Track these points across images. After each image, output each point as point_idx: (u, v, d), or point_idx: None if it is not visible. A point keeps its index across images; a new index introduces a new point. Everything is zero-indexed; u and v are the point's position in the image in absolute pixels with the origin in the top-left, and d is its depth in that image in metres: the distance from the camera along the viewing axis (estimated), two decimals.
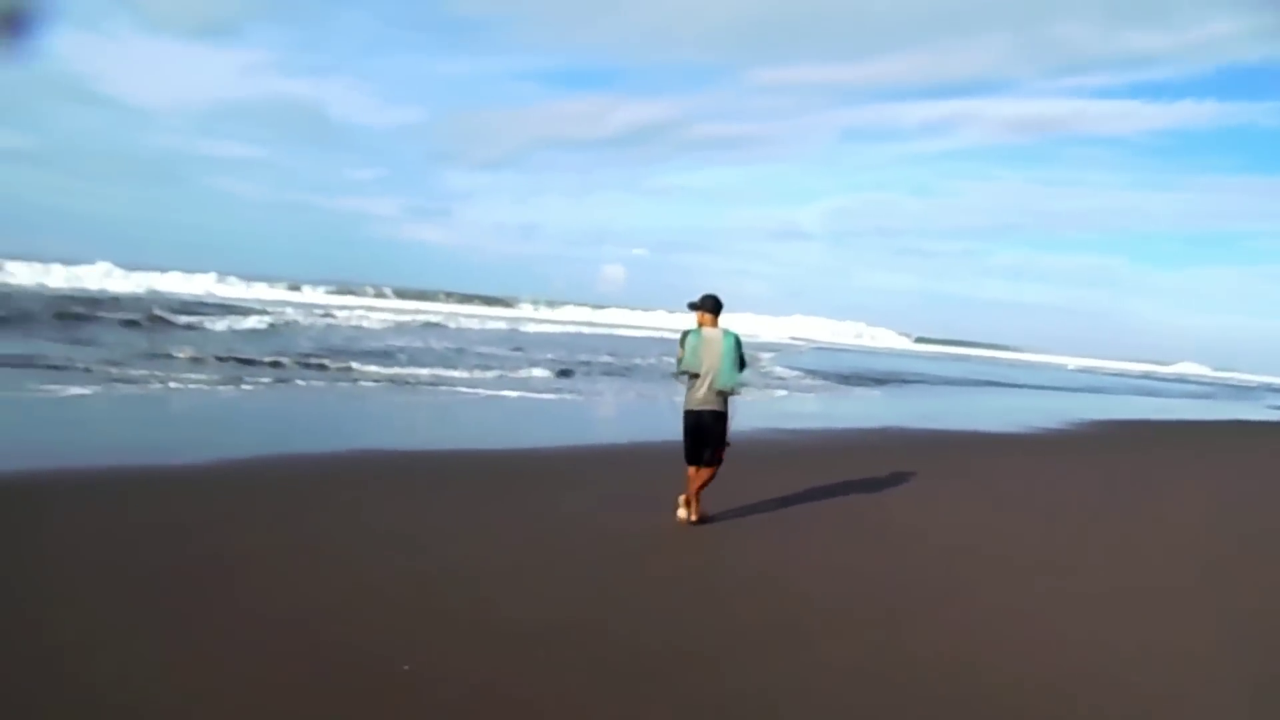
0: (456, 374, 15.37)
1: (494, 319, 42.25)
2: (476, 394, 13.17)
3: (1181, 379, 73.31)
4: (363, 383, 13.05)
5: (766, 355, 31.54)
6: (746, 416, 7.55)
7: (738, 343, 6.96)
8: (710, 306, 7.01)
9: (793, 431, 11.78)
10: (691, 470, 6.90)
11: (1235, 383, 75.84)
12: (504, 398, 13.07)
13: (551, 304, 65.45)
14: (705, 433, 6.90)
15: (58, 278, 32.90)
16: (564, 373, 17.81)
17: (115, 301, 24.50)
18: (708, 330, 6.98)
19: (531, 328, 35.67)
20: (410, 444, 8.78)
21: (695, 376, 6.91)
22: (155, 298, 28.77)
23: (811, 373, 26.02)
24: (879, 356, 48.05)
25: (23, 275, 31.70)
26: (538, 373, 17.16)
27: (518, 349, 22.75)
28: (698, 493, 6.97)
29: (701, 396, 6.91)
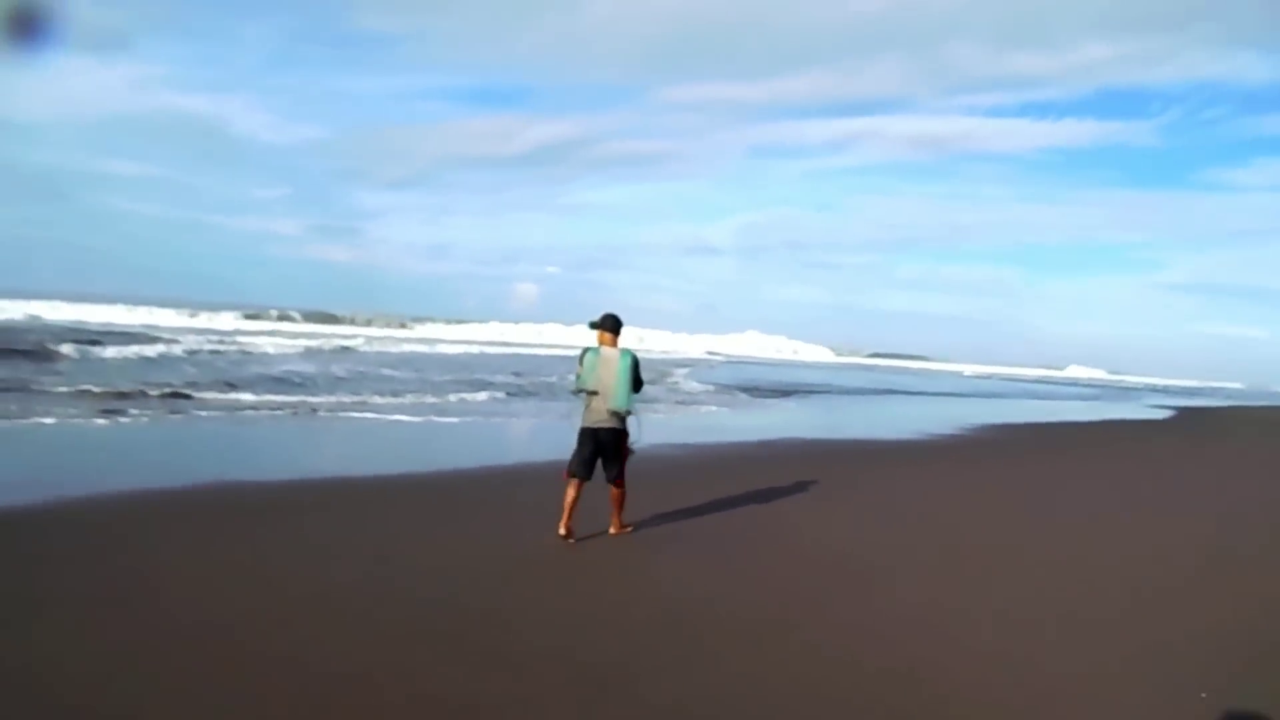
0: (350, 399, 14.92)
1: (406, 340, 41.41)
2: (366, 419, 12.80)
3: (1073, 382, 77.16)
4: (246, 411, 12.51)
5: (681, 370, 31.82)
6: (649, 432, 7.32)
7: (635, 363, 6.93)
8: (610, 325, 6.99)
9: (691, 446, 11.81)
10: (571, 485, 6.77)
11: (1121, 384, 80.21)
12: (401, 422, 12.75)
13: (461, 322, 64.67)
14: (604, 450, 6.88)
15: None
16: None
17: None
18: (606, 350, 6.94)
19: (443, 348, 35.10)
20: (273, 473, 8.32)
21: (594, 394, 6.88)
22: (40, 325, 27.01)
23: (722, 386, 26.32)
24: (792, 369, 48.99)
25: None
26: (455, 397, 16.79)
27: (418, 371, 22.26)
28: (618, 510, 7.04)
29: (598, 415, 6.89)
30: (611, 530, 7.14)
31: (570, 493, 6.77)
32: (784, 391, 27.13)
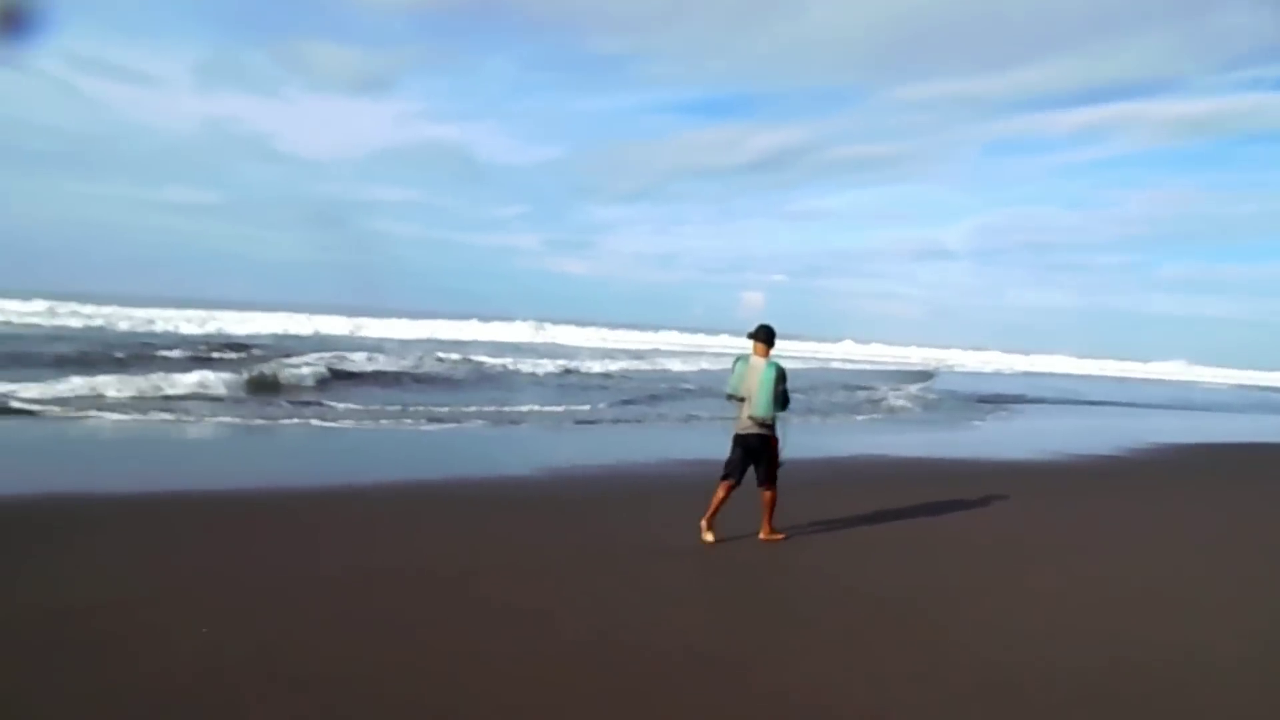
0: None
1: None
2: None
3: None
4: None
5: (908, 385, 31.96)
6: (792, 445, 7.72)
7: (780, 374, 7.17)
8: (762, 337, 7.29)
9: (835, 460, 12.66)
10: (720, 486, 7.23)
11: None
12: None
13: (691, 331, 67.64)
14: (752, 455, 7.29)
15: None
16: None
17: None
18: (755, 359, 7.26)
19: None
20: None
21: (743, 401, 7.26)
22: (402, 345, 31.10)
23: (929, 400, 26.82)
24: (1024, 379, 47.14)
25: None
26: None
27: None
28: (768, 517, 7.41)
29: (745, 421, 7.27)
30: (761, 535, 7.42)
31: (718, 493, 7.26)
32: (996, 403, 26.98)
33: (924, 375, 37.05)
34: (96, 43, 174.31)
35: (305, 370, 18.55)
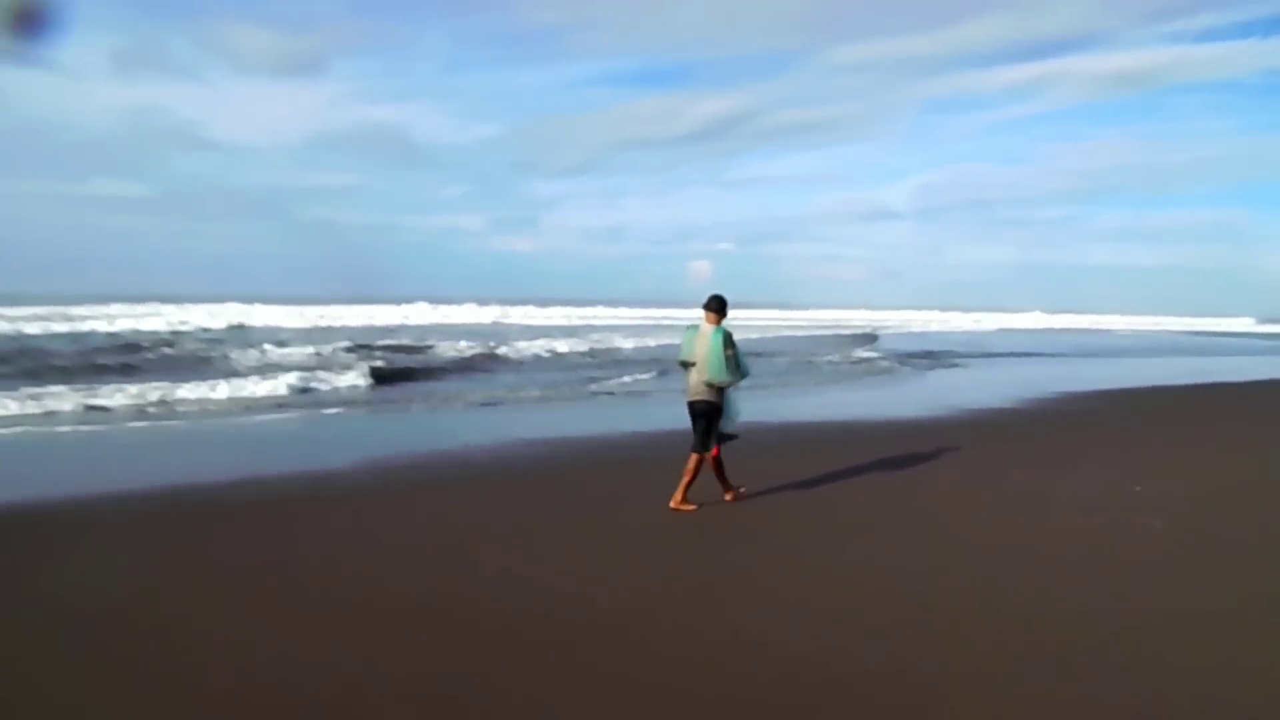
0: None
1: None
2: None
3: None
4: None
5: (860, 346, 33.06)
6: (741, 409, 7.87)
7: (727, 339, 7.33)
8: (714, 306, 7.49)
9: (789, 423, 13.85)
10: (690, 459, 7.40)
11: None
12: None
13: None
14: (698, 419, 7.46)
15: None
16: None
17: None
18: (703, 326, 7.47)
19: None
20: None
21: (692, 366, 7.46)
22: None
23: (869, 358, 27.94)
24: (968, 337, 48.65)
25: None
26: None
27: None
28: (720, 478, 7.61)
29: (693, 386, 7.45)
30: (727, 497, 7.69)
31: (689, 465, 7.44)
32: (936, 359, 28.00)
33: (868, 338, 38.13)
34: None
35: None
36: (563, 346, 28.03)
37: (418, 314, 46.66)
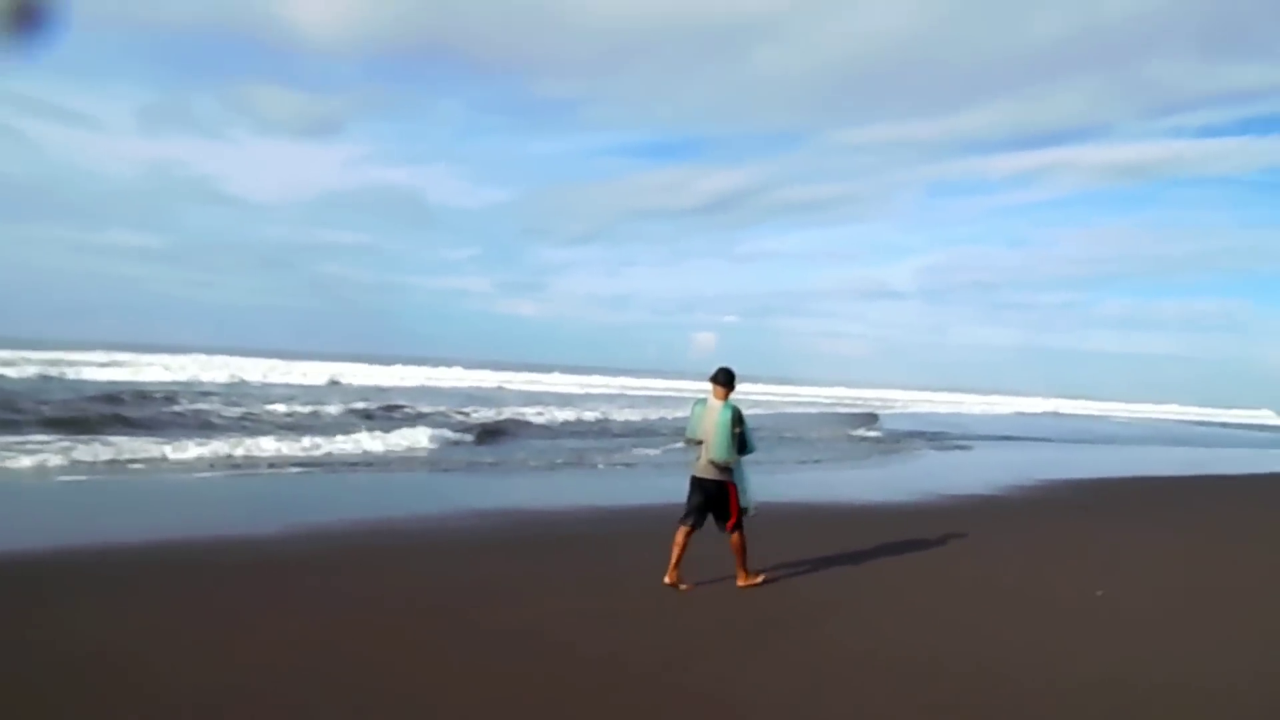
0: None
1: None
2: None
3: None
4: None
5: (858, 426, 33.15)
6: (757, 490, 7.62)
7: (736, 416, 7.06)
8: (721, 379, 7.19)
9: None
10: (679, 532, 7.13)
11: None
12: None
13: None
14: (709, 501, 7.17)
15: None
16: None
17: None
18: (712, 401, 7.18)
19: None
20: None
21: (700, 444, 7.17)
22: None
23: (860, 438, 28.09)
24: (969, 420, 48.74)
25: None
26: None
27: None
28: (740, 560, 7.31)
29: (702, 464, 7.16)
30: (739, 582, 7.32)
31: (678, 539, 7.13)
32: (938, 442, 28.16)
33: (868, 418, 38.21)
34: (40, 84, 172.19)
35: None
36: (584, 414, 28.70)
37: (429, 376, 46.76)
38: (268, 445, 15.76)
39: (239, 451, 15.06)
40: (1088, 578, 8.58)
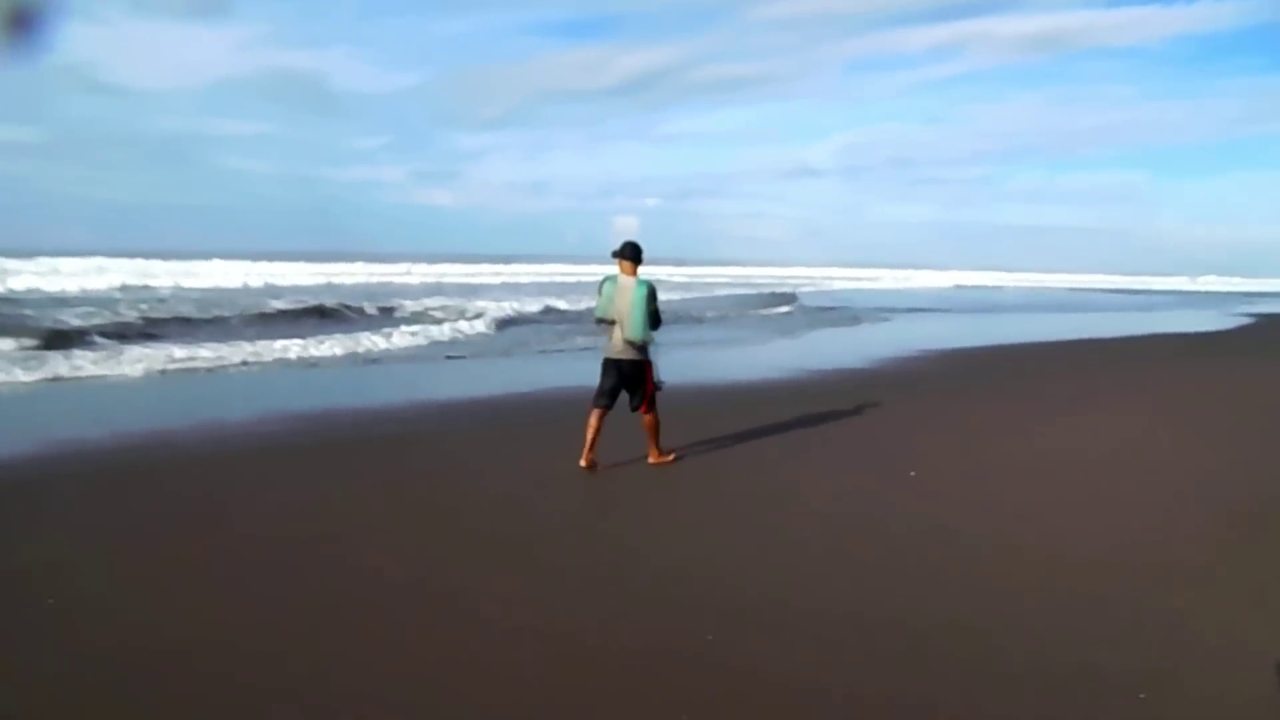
0: None
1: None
2: None
3: (1169, 291, 73.86)
4: None
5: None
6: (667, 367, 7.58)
7: (651, 293, 6.89)
8: (629, 254, 6.94)
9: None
10: (592, 415, 6.99)
11: (1242, 291, 76.20)
12: None
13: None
14: (625, 380, 7.03)
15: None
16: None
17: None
18: (623, 279, 6.94)
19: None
20: None
21: (613, 324, 6.98)
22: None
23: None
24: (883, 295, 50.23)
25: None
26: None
27: None
28: (653, 439, 7.27)
29: (617, 345, 6.98)
30: (650, 460, 7.28)
31: (591, 422, 6.96)
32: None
33: (787, 298, 38.91)
34: None
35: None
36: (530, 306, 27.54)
37: (374, 272, 44.67)
38: (379, 341, 16.87)
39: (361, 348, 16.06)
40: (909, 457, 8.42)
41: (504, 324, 22.26)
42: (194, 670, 3.82)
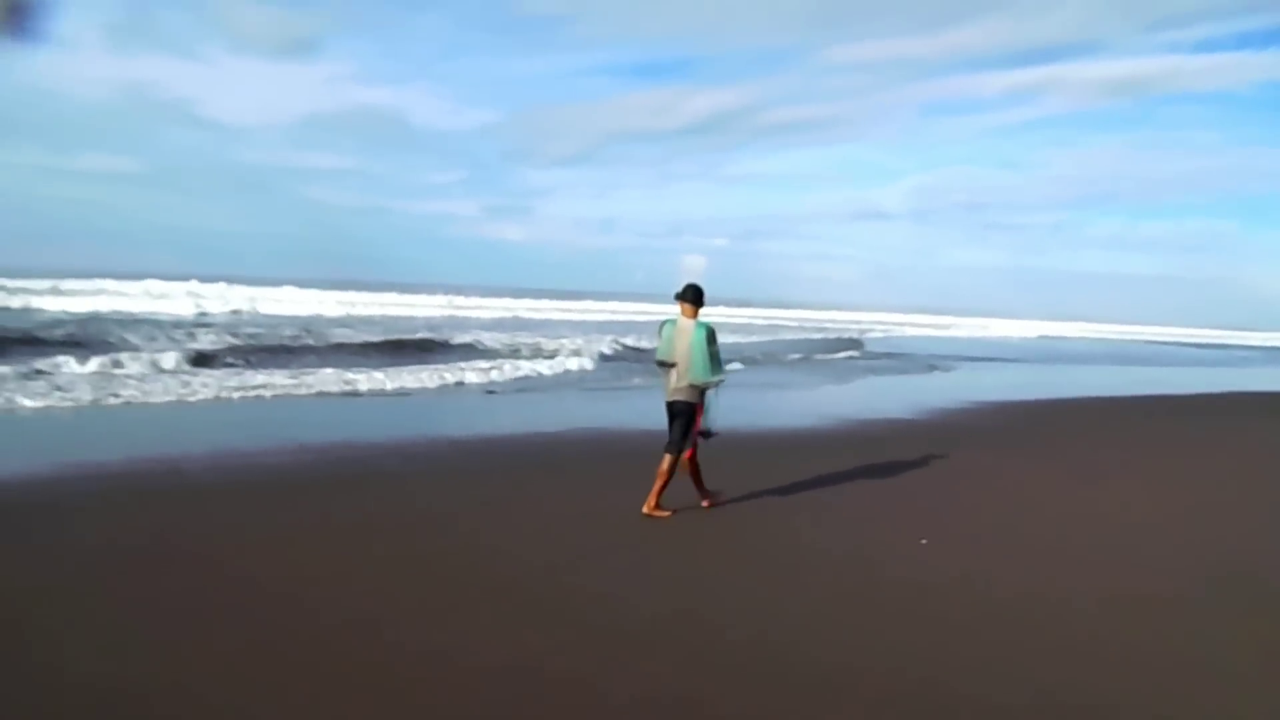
0: None
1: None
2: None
3: (1264, 347, 70.41)
4: None
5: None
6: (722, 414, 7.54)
7: (710, 335, 6.91)
8: (690, 297, 6.98)
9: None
10: (665, 460, 6.98)
11: None
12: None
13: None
14: (676, 419, 7.02)
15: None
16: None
17: None
18: (683, 321, 6.97)
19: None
20: None
21: (672, 366, 6.98)
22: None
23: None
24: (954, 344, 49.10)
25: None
26: None
27: None
28: (696, 483, 7.27)
29: (674, 386, 6.98)
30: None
31: (662, 467, 7.00)
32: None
33: (853, 343, 38.47)
34: None
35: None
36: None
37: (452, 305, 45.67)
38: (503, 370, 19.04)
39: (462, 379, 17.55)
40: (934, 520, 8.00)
41: (607, 359, 23.62)
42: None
